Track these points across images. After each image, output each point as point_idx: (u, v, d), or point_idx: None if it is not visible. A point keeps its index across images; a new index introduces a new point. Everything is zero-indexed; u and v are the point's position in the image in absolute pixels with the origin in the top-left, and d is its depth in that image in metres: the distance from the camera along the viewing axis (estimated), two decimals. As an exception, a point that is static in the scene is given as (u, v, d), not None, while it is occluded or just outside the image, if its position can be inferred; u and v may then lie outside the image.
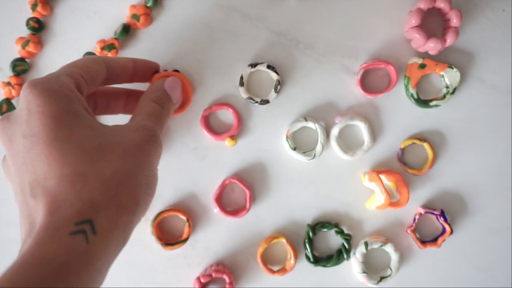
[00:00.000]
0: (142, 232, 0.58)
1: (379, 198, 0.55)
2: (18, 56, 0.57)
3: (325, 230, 0.57)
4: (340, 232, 0.57)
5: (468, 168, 0.57)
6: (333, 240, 0.58)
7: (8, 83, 0.56)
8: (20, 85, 0.57)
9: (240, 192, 0.58)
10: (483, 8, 0.56)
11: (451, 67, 0.55)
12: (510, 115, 0.57)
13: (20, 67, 0.57)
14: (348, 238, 0.57)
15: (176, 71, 0.56)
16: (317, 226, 0.57)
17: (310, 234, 0.57)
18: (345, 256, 0.57)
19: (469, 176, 0.57)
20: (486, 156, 0.57)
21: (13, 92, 0.56)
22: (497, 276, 0.58)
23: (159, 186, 0.57)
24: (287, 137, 0.56)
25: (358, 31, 0.57)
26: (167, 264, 0.59)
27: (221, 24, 0.57)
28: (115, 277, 0.58)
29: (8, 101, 0.57)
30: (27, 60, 0.57)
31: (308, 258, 0.57)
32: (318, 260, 0.58)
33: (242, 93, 0.56)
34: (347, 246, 0.57)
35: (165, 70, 0.56)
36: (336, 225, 0.57)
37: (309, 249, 0.57)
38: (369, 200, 0.57)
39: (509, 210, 0.58)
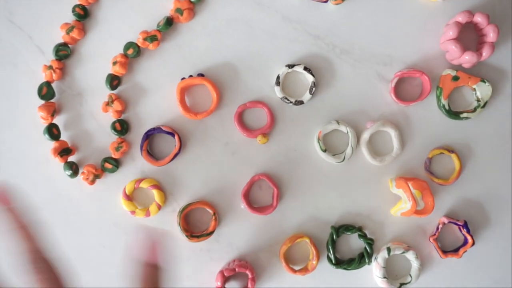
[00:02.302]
0: (168, 222, 0.59)
1: (405, 205, 0.55)
2: (61, 41, 0.58)
3: (348, 233, 0.58)
4: (363, 236, 0.58)
5: (493, 182, 0.58)
6: (356, 243, 0.59)
7: (50, 67, 0.58)
8: (61, 69, 0.58)
9: (268, 189, 0.59)
10: (518, 26, 0.58)
11: (484, 81, 0.56)
12: (538, 133, 0.58)
13: (63, 52, 0.58)
14: (371, 242, 0.58)
15: (201, 75, 0.57)
16: (341, 228, 0.58)
17: (334, 236, 0.58)
18: (366, 260, 0.58)
19: (493, 189, 0.58)
20: (511, 170, 0.58)
21: (54, 76, 0.58)
22: (515, 290, 0.59)
23: (188, 178, 0.58)
24: (318, 139, 0.57)
25: (394, 40, 0.58)
26: (190, 256, 0.60)
27: (261, 23, 0.58)
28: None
29: (48, 84, 0.58)
30: (69, 45, 0.58)
31: (330, 259, 0.58)
32: (340, 262, 0.58)
33: (278, 93, 0.57)
34: (369, 251, 0.58)
35: (191, 76, 0.57)
36: (360, 229, 0.58)
37: (331, 251, 0.58)
38: (395, 207, 0.57)
39: (530, 226, 0.59)
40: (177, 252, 0.59)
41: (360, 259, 0.58)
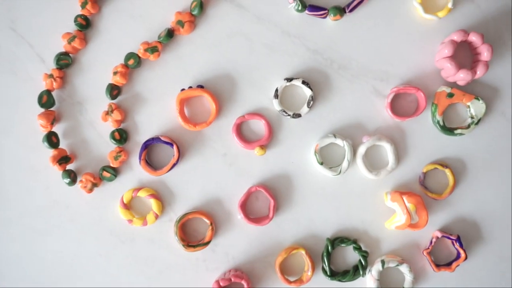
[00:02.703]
0: (165, 232, 0.60)
1: (400, 218, 0.56)
2: (63, 50, 0.59)
3: (343, 245, 0.59)
4: (358, 248, 0.58)
5: (486, 197, 0.59)
6: (351, 256, 0.60)
7: (51, 75, 0.58)
8: (62, 78, 0.59)
9: (264, 201, 0.60)
10: (510, 45, 0.59)
11: (478, 99, 0.58)
12: (529, 150, 0.59)
13: (64, 61, 0.59)
14: (365, 255, 0.58)
15: (200, 86, 0.58)
16: (336, 240, 0.59)
17: (329, 248, 0.58)
18: (361, 272, 0.58)
19: (486, 205, 0.59)
20: (504, 187, 0.59)
21: (54, 85, 0.58)
22: (506, 305, 0.60)
23: (186, 188, 0.59)
24: (315, 152, 0.58)
25: (391, 57, 0.59)
26: (186, 266, 0.60)
27: (260, 37, 0.59)
28: (132, 274, 0.59)
29: (48, 92, 0.58)
30: (70, 55, 0.59)
31: (325, 271, 0.59)
32: (335, 274, 0.59)
33: (276, 105, 0.58)
34: (363, 263, 0.58)
35: (190, 87, 0.58)
36: (355, 242, 0.59)
37: (326, 263, 0.58)
38: (389, 220, 0.58)
39: (521, 241, 0.60)
40: (172, 261, 0.60)
41: (355, 271, 0.59)
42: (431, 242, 0.59)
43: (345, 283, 0.60)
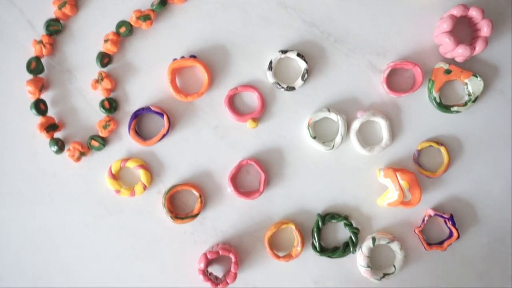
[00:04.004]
0: (153, 203, 0.59)
1: (392, 194, 0.55)
2: (53, 16, 0.57)
3: (334, 221, 0.58)
4: (349, 225, 0.58)
5: (480, 177, 0.58)
6: (341, 232, 0.59)
7: (40, 41, 0.57)
8: (52, 45, 0.57)
9: (255, 175, 0.59)
10: (510, 23, 0.58)
11: (476, 76, 0.56)
12: (527, 130, 0.58)
13: (54, 27, 0.57)
14: (356, 231, 0.58)
15: (193, 57, 0.57)
16: (327, 216, 0.58)
17: (319, 223, 0.58)
18: (351, 249, 0.57)
19: (480, 184, 0.58)
20: (499, 167, 0.58)
21: (44, 51, 0.57)
22: (495, 285, 0.59)
23: (175, 159, 0.58)
24: (308, 126, 0.57)
25: (389, 32, 0.58)
26: (173, 238, 0.59)
27: (255, 8, 0.58)
28: (120, 245, 0.58)
29: (37, 59, 0.57)
30: (61, 21, 0.58)
31: (314, 247, 0.58)
32: (324, 250, 0.58)
33: (270, 78, 0.57)
34: (354, 240, 0.58)
35: (183, 57, 0.57)
36: (346, 218, 0.58)
37: (316, 239, 0.58)
38: (382, 196, 0.57)
39: (515, 222, 0.59)
40: (160, 233, 0.59)
41: (345, 248, 0.58)
42: (423, 220, 0.58)
43: (335, 260, 0.59)
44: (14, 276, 0.59)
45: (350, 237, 0.58)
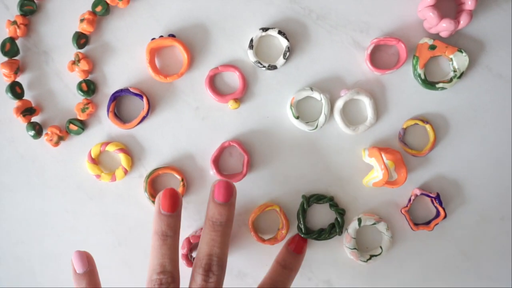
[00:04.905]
0: (134, 188, 0.58)
1: (377, 174, 0.54)
2: (27, -5, 0.56)
3: (320, 202, 0.57)
4: (335, 206, 0.57)
5: (467, 155, 0.57)
6: (327, 214, 0.58)
7: (14, 22, 0.55)
8: (26, 25, 0.56)
9: (238, 157, 0.58)
10: (497, -4, 0.56)
11: (461, 51, 0.55)
12: (513, 106, 0.57)
13: (28, 7, 0.56)
14: (342, 212, 0.56)
15: (172, 36, 0.55)
16: (312, 198, 0.57)
17: (305, 205, 0.56)
18: (337, 230, 0.56)
19: (467, 162, 0.57)
20: (486, 144, 0.57)
21: (18, 32, 0.55)
22: (483, 264, 0.58)
23: (156, 142, 0.57)
24: (291, 105, 0.56)
25: (372, 7, 0.57)
26: (156, 223, 0.58)
27: (236, -15, 0.56)
28: (101, 231, 0.57)
29: (12, 40, 0.55)
30: (35, 0, 0.56)
31: (300, 229, 0.57)
32: (310, 232, 0.57)
33: (251, 56, 0.56)
34: (340, 221, 0.56)
35: (161, 36, 0.55)
36: (331, 199, 0.57)
37: (302, 221, 0.57)
38: (367, 176, 0.56)
39: (502, 200, 0.58)
40: (142, 218, 0.58)
41: (331, 229, 0.57)
42: (409, 200, 0.57)
43: (321, 242, 0.58)
44: (-7, 264, 0.58)
45: (336, 219, 0.57)
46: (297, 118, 0.56)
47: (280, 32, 0.55)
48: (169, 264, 0.44)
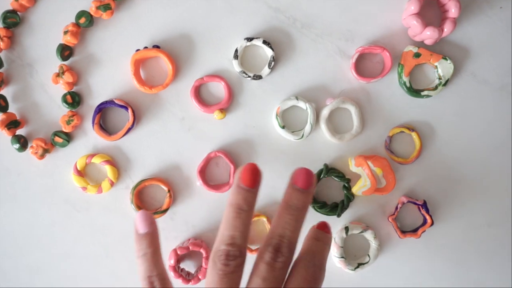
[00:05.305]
0: (121, 199, 0.57)
1: (366, 183, 0.54)
2: (10, 8, 0.55)
3: (336, 179, 0.56)
4: (347, 189, 0.56)
5: (453, 162, 0.57)
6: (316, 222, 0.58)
7: (-3, 35, 0.55)
8: (10, 38, 0.55)
9: (225, 167, 0.57)
10: (481, 3, 0.56)
11: (445, 59, 0.55)
12: (499, 112, 0.57)
13: (11, 19, 0.55)
14: (350, 198, 0.56)
15: (156, 47, 0.55)
16: (332, 171, 0.56)
17: (322, 174, 0.56)
18: (338, 211, 0.56)
19: (453, 169, 0.57)
20: (472, 151, 0.57)
21: (2, 45, 0.55)
22: (472, 271, 0.58)
23: (142, 154, 0.56)
24: (276, 115, 0.56)
25: (357, 16, 0.56)
26: (144, 234, 0.57)
27: (220, -5, 0.56)
28: (89, 243, 0.57)
29: (-5, 53, 0.55)
30: (18, 13, 0.56)
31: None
32: (317, 202, 0.56)
33: (236, 67, 0.56)
34: (345, 204, 0.56)
35: (146, 47, 0.55)
36: (348, 181, 0.56)
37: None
38: (355, 186, 0.56)
39: (488, 207, 0.58)
40: (129, 230, 0.58)
41: (332, 208, 0.56)
42: (396, 208, 0.57)
43: (309, 251, 0.58)
44: (-20, 278, 0.58)
45: (342, 201, 0.56)
46: (283, 127, 0.56)
47: (265, 42, 0.55)
48: (240, 238, 0.41)
